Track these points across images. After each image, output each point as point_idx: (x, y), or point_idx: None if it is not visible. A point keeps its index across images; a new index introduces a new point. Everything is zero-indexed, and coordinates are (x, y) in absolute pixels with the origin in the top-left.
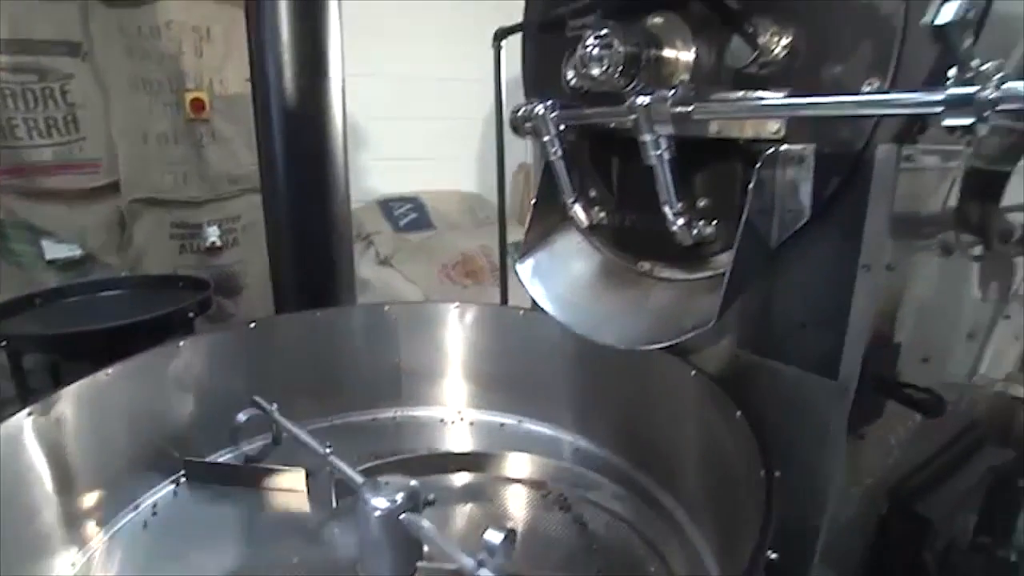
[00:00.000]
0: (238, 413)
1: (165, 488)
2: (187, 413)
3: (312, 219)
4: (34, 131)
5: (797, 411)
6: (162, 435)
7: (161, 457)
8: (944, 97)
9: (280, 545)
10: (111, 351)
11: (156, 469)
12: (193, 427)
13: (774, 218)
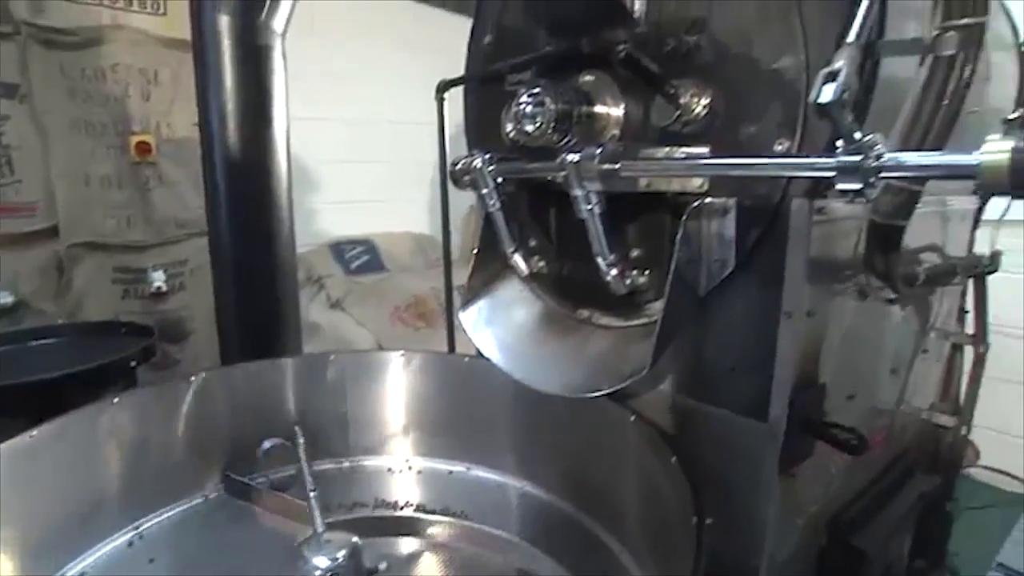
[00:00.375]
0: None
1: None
2: (124, 471)
3: (257, 265)
4: None
5: (731, 453)
6: (99, 495)
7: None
8: (835, 164)
9: None
10: (46, 405)
11: (90, 531)
12: (133, 485)
13: (701, 268)
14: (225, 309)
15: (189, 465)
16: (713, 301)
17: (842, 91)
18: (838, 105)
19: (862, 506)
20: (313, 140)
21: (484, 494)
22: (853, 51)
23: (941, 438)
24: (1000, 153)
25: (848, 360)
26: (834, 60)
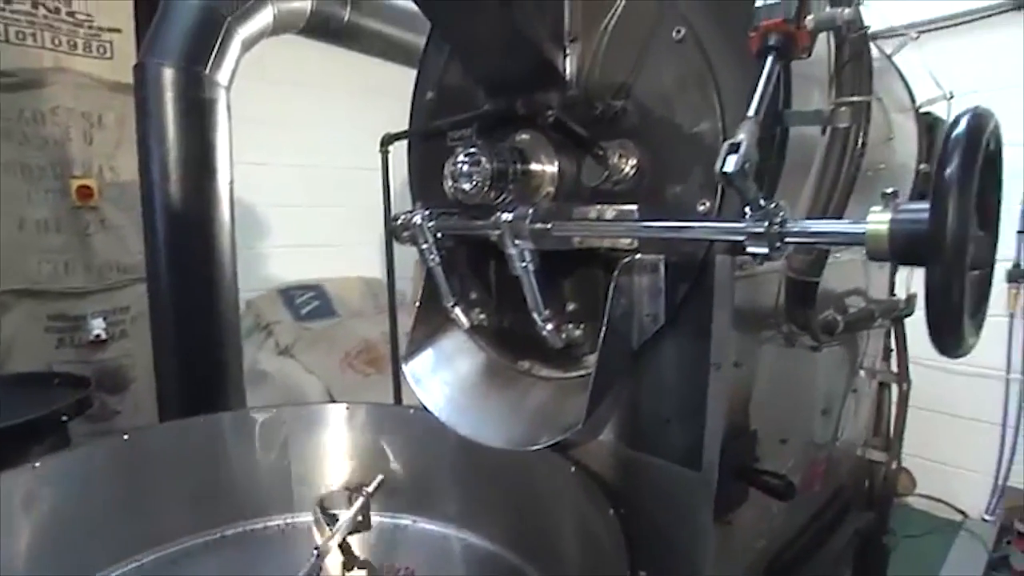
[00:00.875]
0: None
1: None
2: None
3: (198, 316)
4: None
5: (669, 502)
6: (31, 558)
7: None
8: (743, 229)
9: None
10: None
11: None
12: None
13: (634, 321)
14: (164, 361)
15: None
16: (647, 354)
17: (743, 162)
18: (741, 175)
19: (800, 546)
20: (264, 184)
21: (429, 546)
22: (752, 125)
23: (875, 473)
24: (880, 224)
25: (778, 405)
26: (736, 133)
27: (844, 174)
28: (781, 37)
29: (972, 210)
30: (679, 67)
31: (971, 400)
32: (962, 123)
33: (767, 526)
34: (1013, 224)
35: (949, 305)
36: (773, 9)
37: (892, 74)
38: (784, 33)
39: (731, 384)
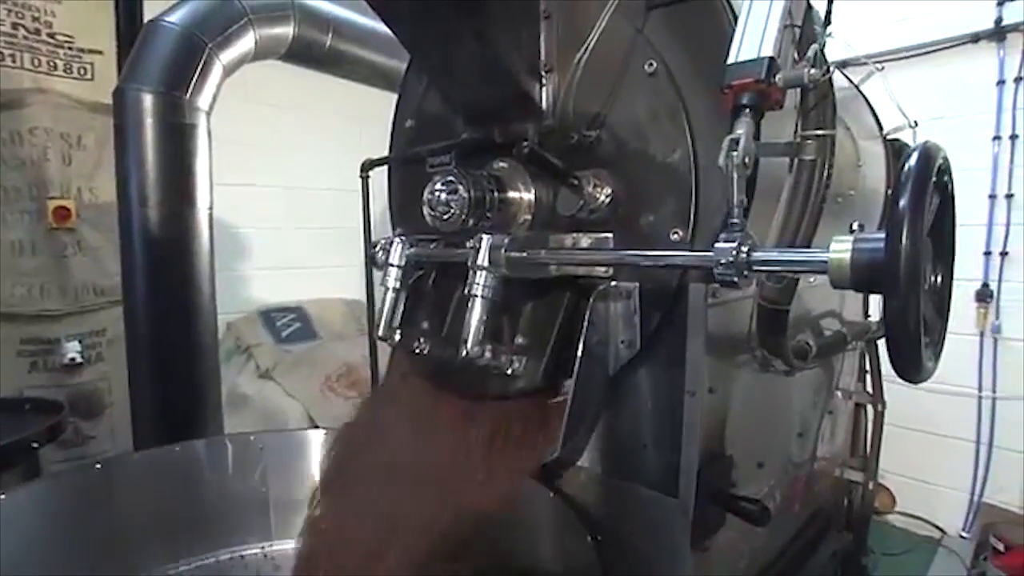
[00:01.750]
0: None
1: None
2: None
3: (176, 342)
4: None
5: (647, 528)
6: None
7: None
8: (713, 258)
9: None
10: None
11: None
12: None
13: (609, 348)
14: (139, 386)
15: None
16: (623, 381)
17: (744, 156)
18: (741, 169)
19: (779, 569)
20: (246, 206)
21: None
22: (749, 120)
23: (853, 492)
24: (842, 252)
25: (754, 429)
26: (734, 128)
27: (811, 204)
28: (754, 95)
29: (924, 238)
30: (651, 99)
31: (947, 418)
32: (912, 157)
33: (746, 549)
34: (979, 246)
35: (906, 332)
36: (745, 67)
37: (860, 103)
38: (757, 92)
39: (706, 410)
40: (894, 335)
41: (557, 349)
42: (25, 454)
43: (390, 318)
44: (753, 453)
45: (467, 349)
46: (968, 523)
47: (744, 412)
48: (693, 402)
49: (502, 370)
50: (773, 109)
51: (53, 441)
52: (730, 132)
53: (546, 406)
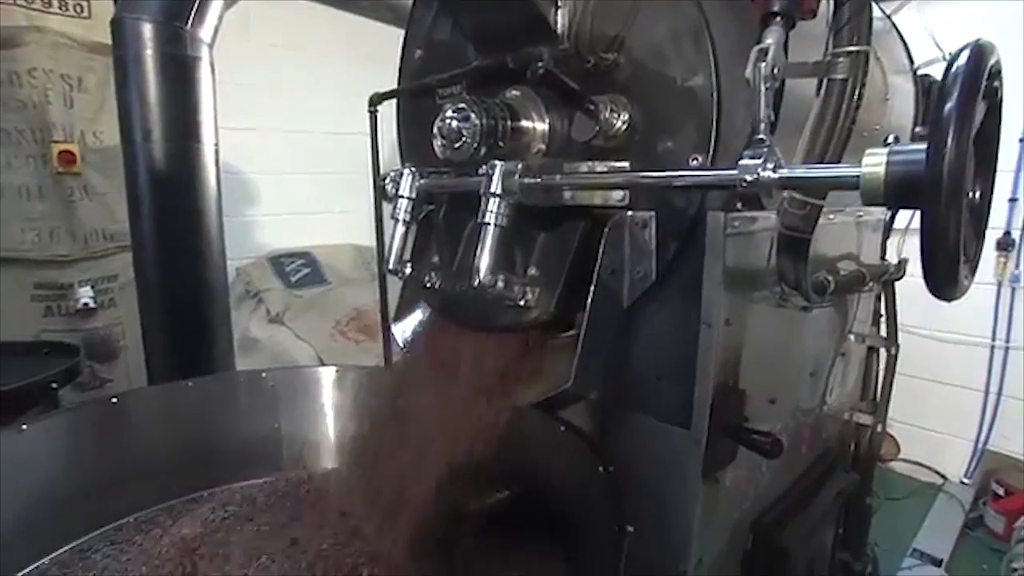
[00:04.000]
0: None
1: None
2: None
3: (185, 282)
4: None
5: (658, 460)
6: (18, 524)
7: None
8: (738, 176)
9: None
10: None
11: None
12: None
13: (624, 279)
14: (152, 328)
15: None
16: (637, 312)
17: (773, 66)
18: (770, 80)
19: (786, 506)
20: (250, 151)
21: None
22: (779, 30)
23: (861, 436)
24: (876, 166)
25: (768, 365)
26: (763, 38)
27: (840, 126)
28: (786, 1)
29: (970, 146)
30: (673, 21)
31: (957, 367)
32: (963, 55)
33: (754, 485)
34: (1004, 192)
35: (945, 248)
36: None
37: (891, 35)
38: None
39: (721, 343)
40: (931, 251)
41: (570, 280)
42: (44, 395)
43: (401, 251)
44: (766, 389)
45: (480, 278)
46: (971, 470)
47: (759, 347)
48: (709, 333)
49: (515, 301)
50: (805, 19)
51: (71, 383)
52: (758, 42)
53: (558, 338)
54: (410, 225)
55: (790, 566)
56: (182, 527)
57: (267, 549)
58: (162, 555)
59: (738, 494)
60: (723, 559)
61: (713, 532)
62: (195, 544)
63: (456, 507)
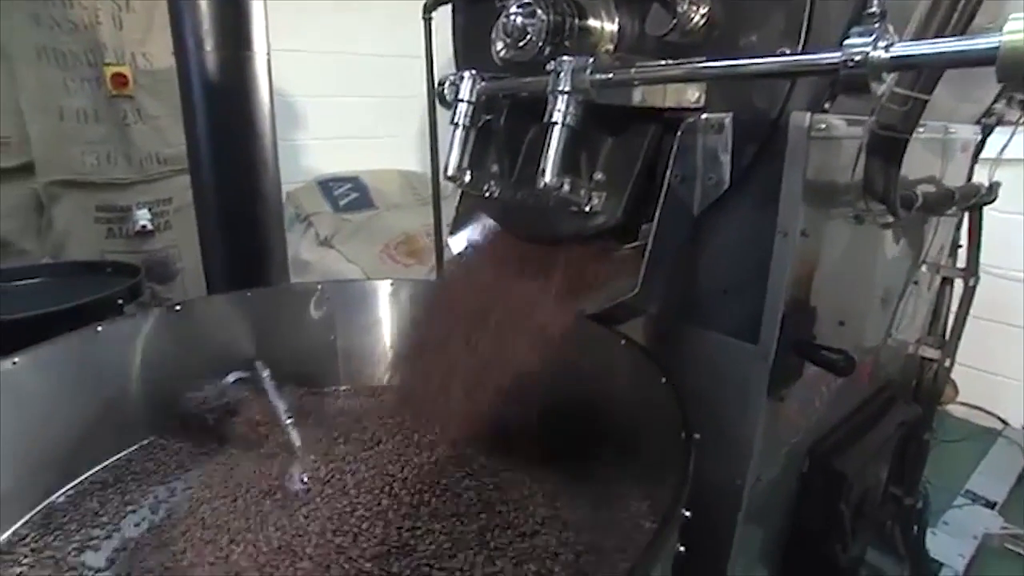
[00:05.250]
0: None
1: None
2: (106, 400)
3: (241, 200)
4: None
5: (721, 375)
6: (80, 424)
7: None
8: (842, 57)
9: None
10: (34, 342)
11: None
12: (114, 414)
13: (695, 186)
14: (210, 246)
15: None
16: (707, 221)
17: None
18: None
19: (844, 432)
20: (295, 74)
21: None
22: None
23: (925, 371)
24: (1020, 32)
25: (840, 286)
26: None
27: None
28: None
29: None
30: None
31: None
32: None
33: (814, 409)
34: None
35: None
36: None
37: None
38: None
39: (796, 255)
40: None
41: (638, 187)
42: (111, 311)
43: (460, 157)
44: (836, 310)
45: (546, 180)
46: None
47: (833, 264)
48: (784, 243)
49: (579, 207)
50: None
51: (134, 300)
52: None
53: (620, 250)
54: (469, 131)
55: (846, 492)
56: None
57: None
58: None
59: (799, 415)
60: (779, 480)
61: (772, 452)
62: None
63: (514, 419)
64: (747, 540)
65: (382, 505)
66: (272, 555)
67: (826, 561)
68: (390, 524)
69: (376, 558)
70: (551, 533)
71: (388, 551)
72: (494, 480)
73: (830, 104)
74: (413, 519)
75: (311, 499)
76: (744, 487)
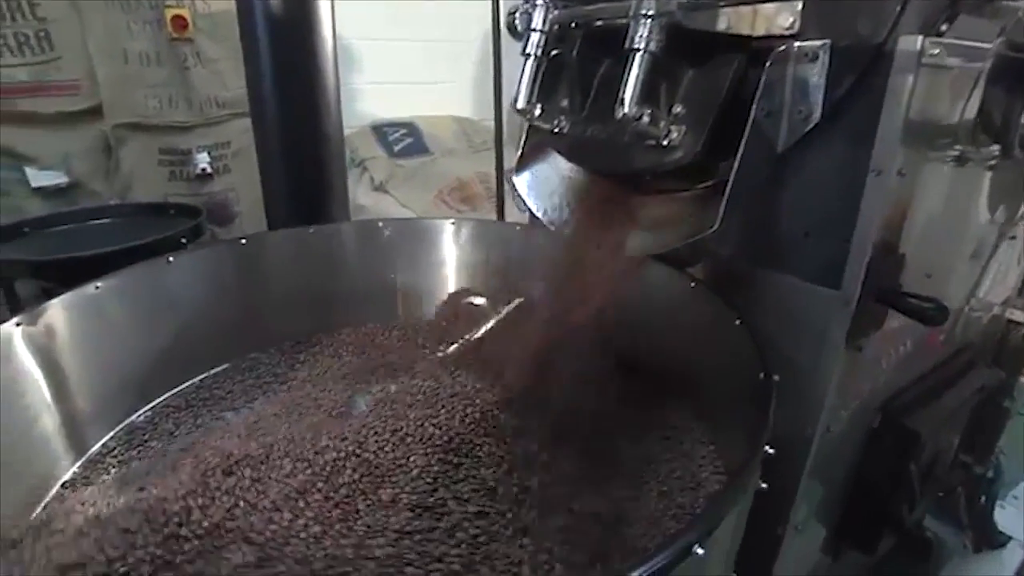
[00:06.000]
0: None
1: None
2: (177, 328)
3: (304, 141)
4: (4, 49)
5: (796, 322)
6: (155, 350)
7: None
8: None
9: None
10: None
11: (150, 383)
12: (185, 342)
13: (783, 120)
14: (272, 186)
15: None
16: (792, 158)
17: None
18: None
19: (919, 392)
20: (354, 16)
21: None
22: None
23: (1010, 334)
24: None
25: (932, 234)
26: None
27: None
28: None
29: None
30: None
31: None
32: None
33: (891, 362)
34: None
35: None
36: None
37: None
38: None
39: (890, 196)
40: None
41: (720, 121)
42: (176, 248)
43: (530, 90)
44: (924, 259)
45: (624, 111)
46: None
47: (927, 209)
48: (878, 182)
49: (657, 140)
50: None
51: (196, 240)
52: None
53: (696, 188)
54: (541, 61)
55: (917, 452)
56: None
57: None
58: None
59: (875, 368)
60: (847, 434)
61: (844, 404)
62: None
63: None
64: (808, 493)
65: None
66: (328, 469)
67: (890, 520)
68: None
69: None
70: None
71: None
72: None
73: (947, 27)
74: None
75: (370, 421)
76: (813, 437)
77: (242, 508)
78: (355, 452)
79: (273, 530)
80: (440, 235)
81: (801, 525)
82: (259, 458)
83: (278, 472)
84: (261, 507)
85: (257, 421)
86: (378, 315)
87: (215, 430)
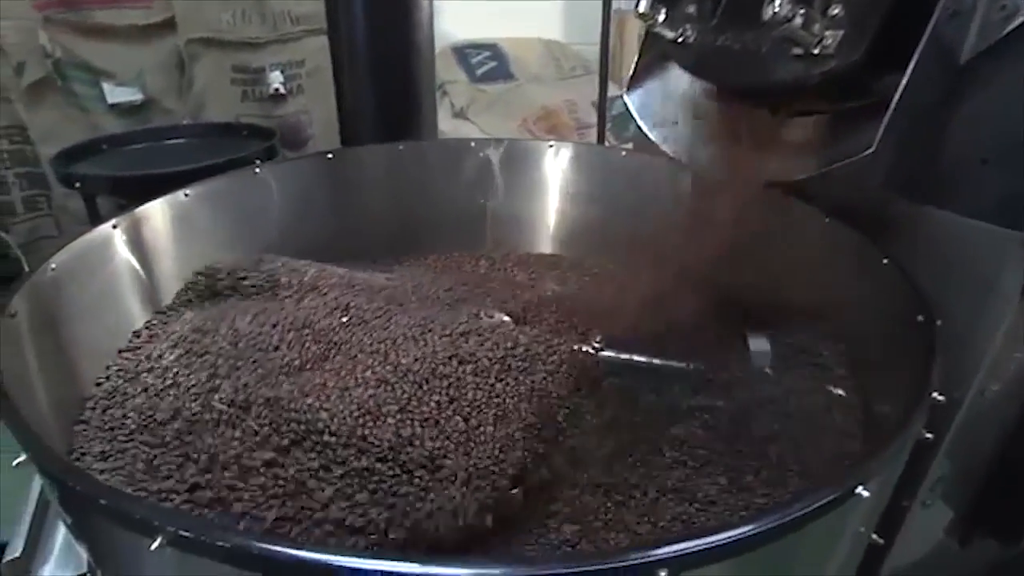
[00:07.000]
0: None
1: None
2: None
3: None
4: None
5: (953, 266)
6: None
7: None
8: None
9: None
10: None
11: None
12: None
13: (973, 22)
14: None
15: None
16: (980, 69)
17: None
18: None
19: None
20: None
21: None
22: None
23: None
24: None
25: None
26: None
27: None
28: None
29: None
30: None
31: None
32: None
33: None
34: None
35: None
36: None
37: None
38: None
39: None
40: None
41: (887, 25)
42: None
43: None
44: None
45: (775, 9)
46: None
47: None
48: None
49: (807, 47)
50: None
51: (270, 160)
52: None
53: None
54: None
55: None
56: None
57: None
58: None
59: None
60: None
61: (1004, 363)
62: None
63: None
64: (943, 465)
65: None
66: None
67: None
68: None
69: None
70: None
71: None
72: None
73: None
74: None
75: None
76: (963, 401)
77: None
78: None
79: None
80: (537, 157)
81: (930, 500)
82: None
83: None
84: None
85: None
86: (466, 242)
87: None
